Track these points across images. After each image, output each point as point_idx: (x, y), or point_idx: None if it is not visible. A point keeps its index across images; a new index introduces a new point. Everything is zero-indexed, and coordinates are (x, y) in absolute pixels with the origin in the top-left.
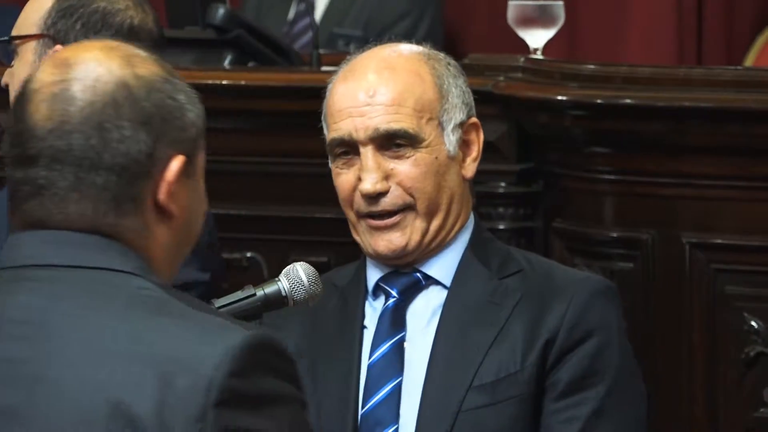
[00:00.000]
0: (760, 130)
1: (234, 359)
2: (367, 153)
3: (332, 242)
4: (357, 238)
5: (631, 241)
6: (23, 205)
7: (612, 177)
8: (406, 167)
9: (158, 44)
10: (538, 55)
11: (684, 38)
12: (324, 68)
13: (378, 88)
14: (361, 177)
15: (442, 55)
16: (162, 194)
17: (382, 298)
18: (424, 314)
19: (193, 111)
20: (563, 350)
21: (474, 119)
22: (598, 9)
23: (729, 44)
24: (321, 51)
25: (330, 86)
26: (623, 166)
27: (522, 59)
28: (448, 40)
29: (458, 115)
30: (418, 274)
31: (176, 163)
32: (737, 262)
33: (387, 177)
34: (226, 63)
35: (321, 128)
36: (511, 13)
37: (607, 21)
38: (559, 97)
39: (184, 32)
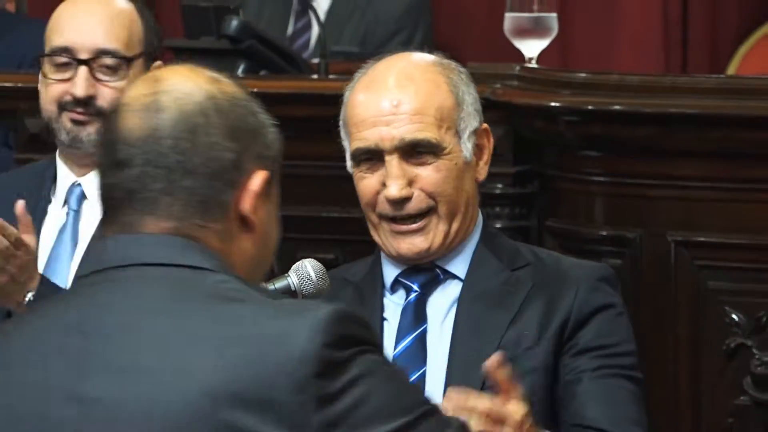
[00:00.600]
0: (741, 134)
1: (325, 331)
2: (393, 161)
3: (339, 240)
4: (377, 238)
5: (619, 240)
6: (114, 210)
7: (602, 179)
8: (428, 173)
9: None
10: (533, 64)
11: (670, 48)
12: (331, 76)
13: (401, 98)
14: (386, 183)
15: (453, 63)
16: (246, 204)
17: (400, 293)
18: (443, 306)
19: (273, 133)
20: (578, 323)
21: (485, 125)
22: (590, 20)
23: (712, 54)
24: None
25: (348, 94)
26: (613, 169)
27: (518, 68)
28: (440, 51)
29: (473, 123)
30: (437, 270)
31: (260, 177)
32: (719, 259)
33: (411, 183)
34: (240, 71)
35: (329, 132)
36: (507, 24)
37: (597, 32)
38: (553, 104)
39: (199, 42)
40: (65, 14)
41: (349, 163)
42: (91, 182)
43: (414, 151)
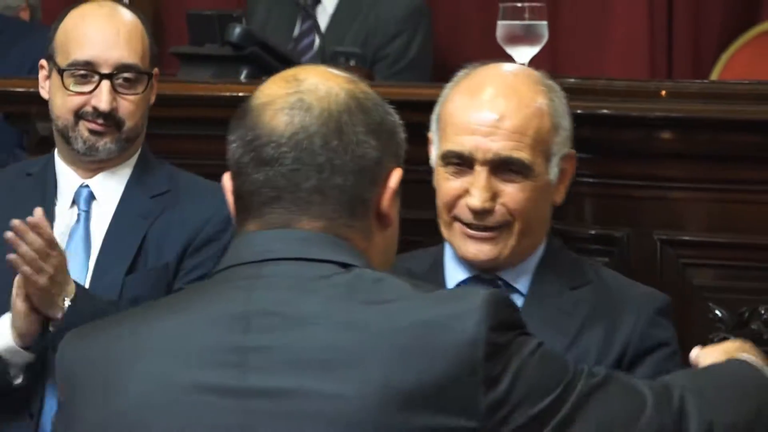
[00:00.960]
0: (724, 137)
1: (489, 315)
2: (483, 173)
3: None
4: (447, 236)
5: (607, 239)
6: (263, 207)
7: (591, 180)
8: (513, 191)
9: None
10: None
11: (656, 55)
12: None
13: (505, 112)
14: (470, 191)
15: (558, 87)
16: (385, 201)
17: None
18: None
19: (403, 133)
20: (638, 354)
21: (572, 150)
22: (579, 28)
23: (696, 60)
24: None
25: (448, 93)
26: (601, 171)
27: None
28: (438, 56)
29: (563, 148)
30: (500, 282)
31: (397, 174)
32: (703, 257)
33: (494, 196)
34: (242, 77)
35: None
36: (499, 32)
37: (586, 39)
38: None
39: (204, 49)
40: (82, 27)
41: (433, 158)
42: (99, 184)
43: (504, 166)
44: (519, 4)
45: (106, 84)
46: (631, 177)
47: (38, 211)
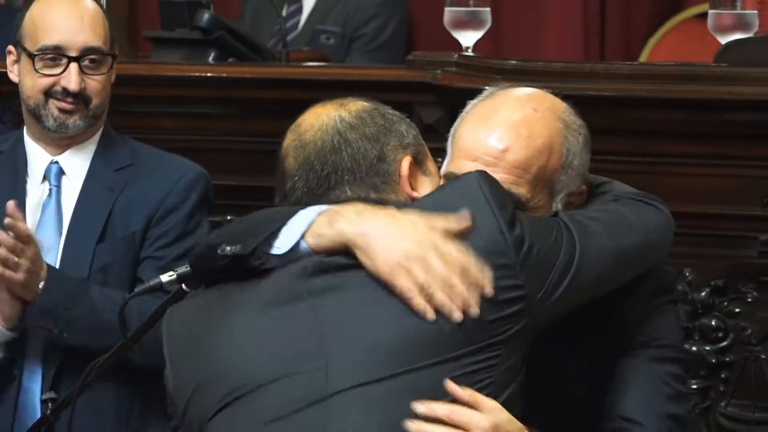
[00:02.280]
0: (652, 115)
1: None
2: None
3: None
4: None
5: None
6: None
7: None
8: None
9: None
10: (469, 53)
11: (589, 38)
12: (291, 63)
13: (511, 145)
14: None
15: (579, 122)
16: (405, 188)
17: None
18: None
19: (404, 124)
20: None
21: (584, 187)
22: (519, 13)
23: (627, 43)
24: (305, 47)
25: (467, 110)
26: None
27: (455, 56)
28: (410, 38)
29: (572, 185)
30: None
31: (405, 162)
32: None
33: None
34: (210, 59)
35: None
36: (446, 18)
37: (526, 24)
38: (487, 87)
39: (175, 33)
40: (49, 15)
41: (443, 169)
42: (68, 160)
43: None
44: None
45: (74, 66)
46: None
47: (11, 205)
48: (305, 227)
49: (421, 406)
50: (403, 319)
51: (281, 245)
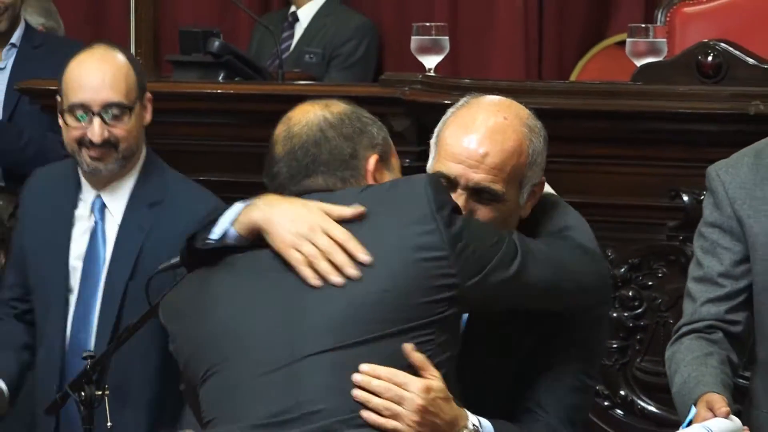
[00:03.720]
0: (581, 124)
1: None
2: (463, 195)
3: None
4: None
5: None
6: (294, 186)
7: None
8: (485, 211)
9: None
10: (432, 73)
11: (529, 61)
12: (287, 83)
13: (489, 150)
14: None
15: (539, 125)
16: (369, 179)
17: None
18: None
19: (375, 127)
20: None
21: (543, 178)
22: (473, 41)
23: (560, 65)
24: (294, 67)
25: (449, 116)
26: None
27: (420, 76)
28: (382, 61)
29: (535, 179)
30: None
31: (372, 159)
32: None
33: (470, 213)
34: (220, 78)
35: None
36: (413, 45)
37: (478, 50)
38: (446, 102)
39: (191, 57)
40: (77, 75)
41: (430, 167)
42: (109, 195)
43: (481, 193)
44: (427, 24)
45: (97, 120)
46: None
47: None
48: (234, 217)
49: (366, 366)
50: (352, 294)
51: (217, 231)
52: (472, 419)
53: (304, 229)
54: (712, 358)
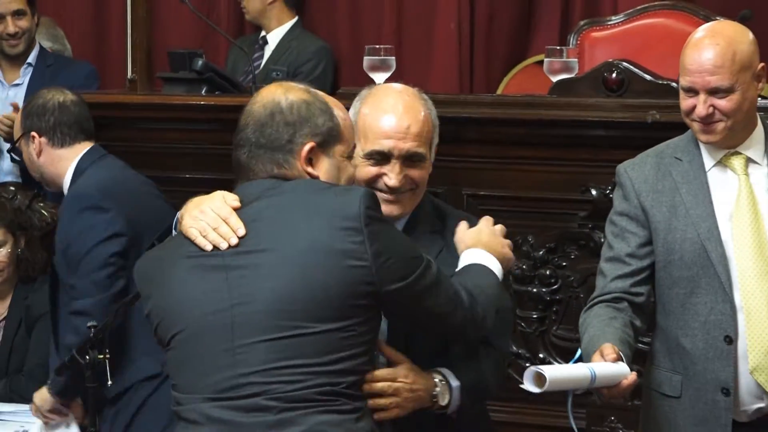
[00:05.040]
0: (506, 130)
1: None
2: (398, 163)
3: None
4: None
5: (434, 194)
6: (242, 172)
7: None
8: (415, 172)
9: (75, 113)
10: None
11: (462, 77)
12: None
13: (410, 123)
14: (387, 174)
15: (426, 95)
16: (302, 162)
17: None
18: None
19: (322, 118)
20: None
21: (437, 139)
22: (416, 60)
23: (488, 80)
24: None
25: (359, 106)
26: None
27: None
28: (338, 77)
29: (436, 139)
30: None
31: (307, 145)
32: (493, 205)
33: (404, 176)
34: (203, 92)
35: None
36: (365, 64)
37: (420, 67)
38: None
39: (179, 74)
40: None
41: (359, 154)
42: None
43: (411, 157)
44: (377, 46)
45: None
46: (450, 154)
47: None
48: None
49: (369, 375)
50: (284, 285)
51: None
52: (436, 376)
53: (197, 213)
54: (615, 320)
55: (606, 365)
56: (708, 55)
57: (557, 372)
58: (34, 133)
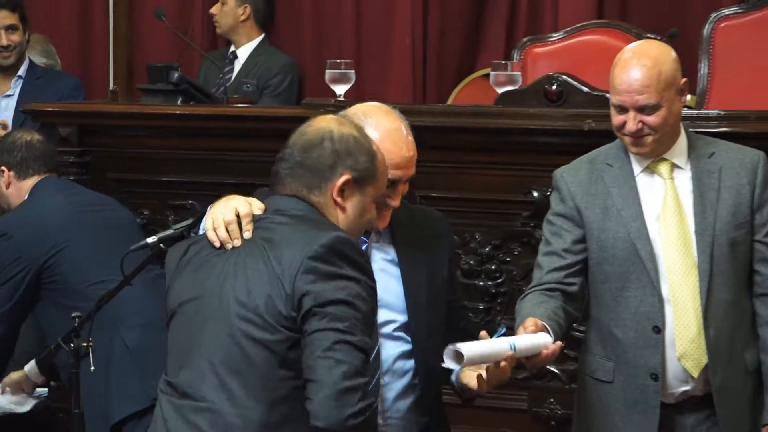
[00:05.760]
0: (457, 137)
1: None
2: (399, 186)
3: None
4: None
5: None
6: (275, 184)
7: None
8: (405, 188)
9: (41, 149)
10: (341, 98)
11: (416, 88)
12: (230, 105)
13: (413, 149)
14: (391, 197)
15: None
16: (333, 192)
17: None
18: None
19: (363, 156)
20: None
21: None
22: (374, 73)
23: (440, 92)
24: (235, 94)
25: (375, 144)
26: None
27: (333, 100)
28: (303, 89)
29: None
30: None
31: (343, 178)
32: (445, 206)
33: (403, 196)
34: (179, 102)
35: (229, 136)
36: (327, 76)
37: (377, 79)
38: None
39: (156, 86)
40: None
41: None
42: None
43: (409, 180)
44: (338, 60)
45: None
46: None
47: None
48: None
49: None
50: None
51: (201, 228)
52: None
53: (215, 215)
54: (546, 303)
55: (526, 337)
56: (636, 76)
57: (475, 348)
58: (3, 167)
